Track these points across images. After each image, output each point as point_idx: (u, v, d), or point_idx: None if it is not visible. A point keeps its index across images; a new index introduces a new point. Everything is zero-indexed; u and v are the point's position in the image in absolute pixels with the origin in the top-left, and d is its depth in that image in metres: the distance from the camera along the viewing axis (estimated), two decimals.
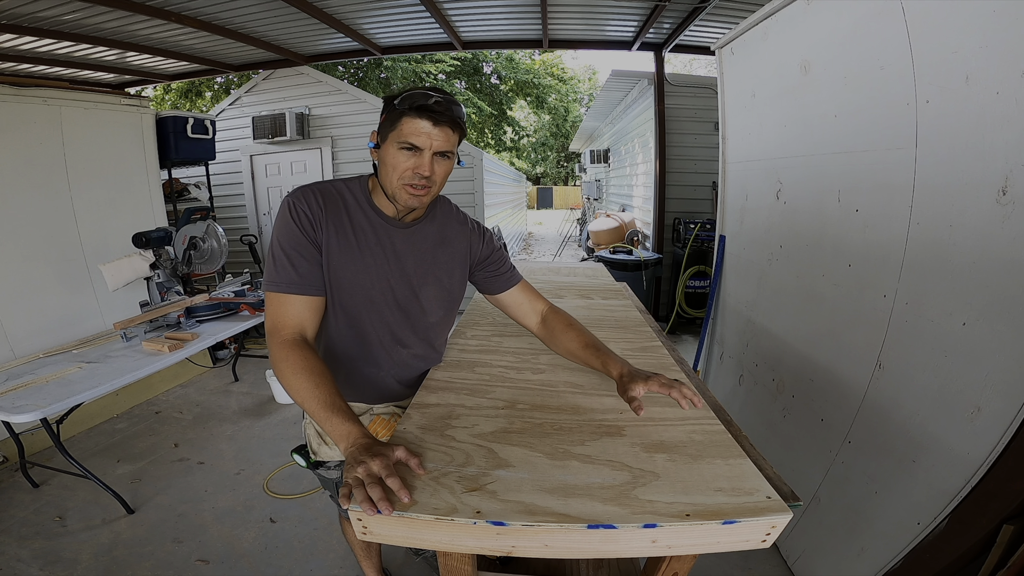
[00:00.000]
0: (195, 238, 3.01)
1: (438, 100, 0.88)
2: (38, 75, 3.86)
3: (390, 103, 0.91)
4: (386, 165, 0.93)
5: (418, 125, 0.88)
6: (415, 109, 0.87)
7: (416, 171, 0.90)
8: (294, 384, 0.82)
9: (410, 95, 0.88)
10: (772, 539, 0.65)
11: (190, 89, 9.48)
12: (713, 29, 3.67)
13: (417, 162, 0.90)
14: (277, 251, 0.93)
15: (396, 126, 0.89)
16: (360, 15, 3.57)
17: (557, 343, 1.13)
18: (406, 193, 0.93)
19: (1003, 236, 1.04)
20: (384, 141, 0.93)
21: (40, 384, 1.87)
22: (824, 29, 1.66)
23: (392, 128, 0.90)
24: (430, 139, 0.89)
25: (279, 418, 2.92)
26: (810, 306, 1.77)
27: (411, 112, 0.87)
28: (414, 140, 0.88)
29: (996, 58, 1.04)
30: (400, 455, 0.71)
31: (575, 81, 20.61)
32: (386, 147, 0.92)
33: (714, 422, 0.88)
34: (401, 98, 0.88)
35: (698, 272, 4.18)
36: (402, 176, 0.91)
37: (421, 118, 0.87)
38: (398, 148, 0.90)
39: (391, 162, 0.91)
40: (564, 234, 10.82)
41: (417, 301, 1.05)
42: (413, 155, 0.90)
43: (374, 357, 1.06)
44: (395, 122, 0.89)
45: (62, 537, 1.90)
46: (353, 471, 0.67)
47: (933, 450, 1.19)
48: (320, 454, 1.13)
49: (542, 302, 1.18)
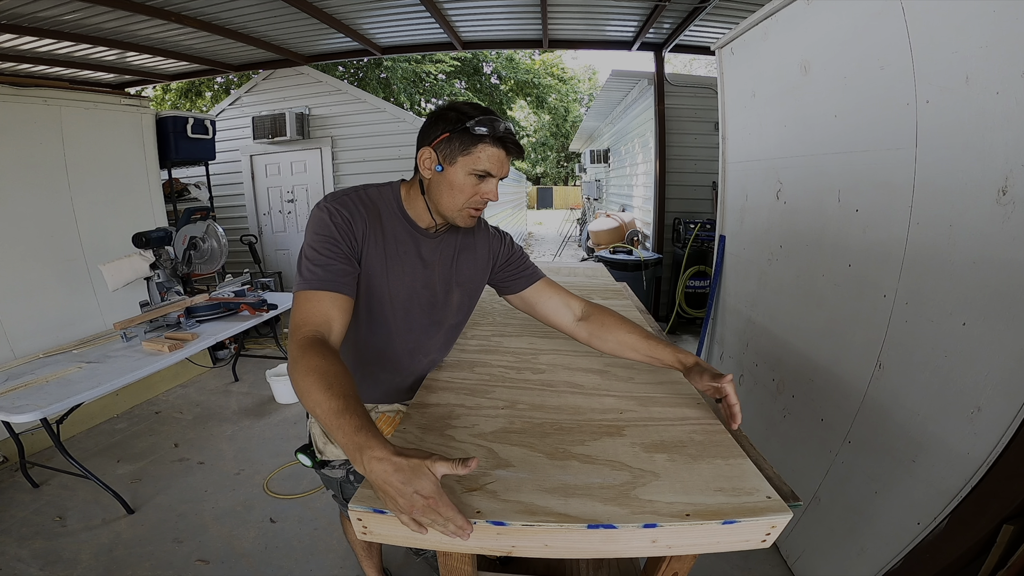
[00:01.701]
0: (195, 238, 3.01)
1: (507, 128, 0.87)
2: (38, 75, 3.86)
3: (454, 122, 0.87)
4: (452, 188, 0.90)
5: (495, 154, 0.87)
6: (495, 138, 0.86)
7: (484, 197, 0.91)
8: (303, 386, 0.71)
9: (488, 121, 0.85)
10: (772, 539, 0.65)
11: (190, 89, 9.47)
12: (713, 29, 3.67)
13: (486, 188, 0.90)
14: (311, 253, 0.87)
15: (470, 151, 0.87)
16: (360, 15, 3.57)
17: (608, 338, 1.06)
18: (468, 216, 0.94)
19: (1003, 236, 1.04)
20: (451, 164, 0.89)
21: (40, 384, 1.87)
22: (824, 29, 1.66)
23: (465, 152, 0.87)
24: (502, 168, 0.90)
25: (279, 418, 2.92)
26: (810, 306, 1.77)
27: (489, 140, 0.86)
28: (491, 169, 0.88)
29: (996, 58, 1.04)
30: (444, 470, 0.59)
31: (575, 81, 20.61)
32: (453, 170, 0.89)
33: (714, 422, 0.88)
34: (477, 121, 0.85)
35: (698, 272, 4.18)
36: (469, 201, 0.91)
37: (498, 147, 0.87)
38: (469, 173, 0.88)
39: (459, 186, 0.89)
40: (564, 234, 10.81)
41: (444, 309, 1.06)
42: (481, 182, 0.90)
43: (396, 364, 1.05)
44: (468, 147, 0.87)
45: (62, 537, 1.90)
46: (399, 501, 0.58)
47: (933, 450, 1.19)
48: (326, 453, 1.13)
49: (577, 299, 1.13)
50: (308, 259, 0.87)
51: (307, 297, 0.84)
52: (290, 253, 5.26)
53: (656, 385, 1.05)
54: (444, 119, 0.89)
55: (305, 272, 0.86)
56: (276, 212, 5.22)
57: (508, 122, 0.89)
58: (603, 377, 1.09)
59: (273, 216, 5.24)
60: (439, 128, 0.89)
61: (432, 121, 0.91)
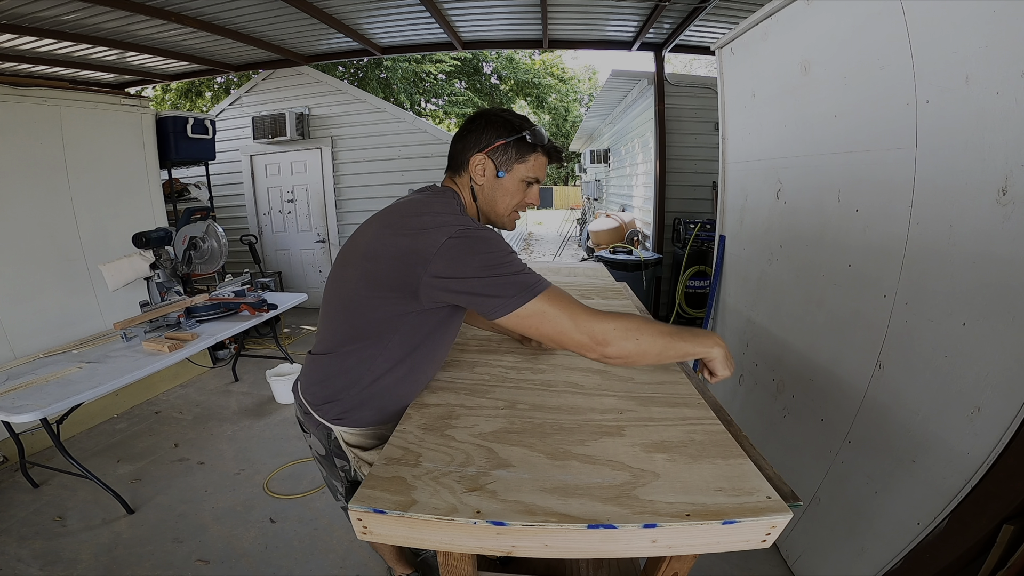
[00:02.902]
0: (195, 238, 3.01)
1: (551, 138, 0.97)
2: (38, 75, 3.86)
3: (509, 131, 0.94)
4: (506, 193, 0.97)
5: (544, 162, 0.97)
6: (544, 147, 0.95)
7: (529, 201, 1.00)
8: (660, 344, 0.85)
9: (539, 132, 0.95)
10: (772, 539, 0.65)
11: (190, 89, 9.47)
12: (713, 29, 3.67)
13: (532, 193, 0.99)
14: (512, 266, 0.83)
15: (526, 159, 0.95)
16: (360, 15, 3.56)
17: None
18: (513, 220, 1.02)
19: (1003, 236, 1.04)
20: (508, 171, 0.96)
21: (40, 384, 1.87)
22: (824, 29, 1.66)
23: (521, 160, 0.95)
24: (545, 175, 1.00)
25: (279, 418, 2.92)
26: (810, 306, 1.77)
27: (541, 150, 0.95)
28: (540, 175, 0.98)
29: (996, 58, 1.04)
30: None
31: (575, 81, 20.61)
32: (510, 176, 0.96)
33: (714, 422, 0.88)
34: (534, 133, 0.94)
35: (698, 272, 4.18)
36: (519, 206, 0.99)
37: (546, 156, 0.97)
38: (522, 180, 0.97)
39: (513, 191, 0.97)
40: (564, 234, 10.82)
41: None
42: (529, 187, 0.99)
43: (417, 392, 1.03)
44: (525, 155, 0.95)
45: (62, 537, 1.89)
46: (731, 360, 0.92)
47: (933, 450, 1.19)
48: None
49: None
50: (516, 267, 0.84)
51: (554, 292, 0.85)
52: (290, 253, 5.27)
53: (656, 385, 1.05)
54: (494, 126, 0.95)
55: (527, 278, 0.84)
56: (276, 212, 5.22)
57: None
58: (603, 377, 1.09)
59: (273, 216, 5.24)
60: (491, 135, 0.95)
61: (480, 128, 0.96)
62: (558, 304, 0.83)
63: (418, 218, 0.87)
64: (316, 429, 1.11)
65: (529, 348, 1.29)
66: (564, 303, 0.83)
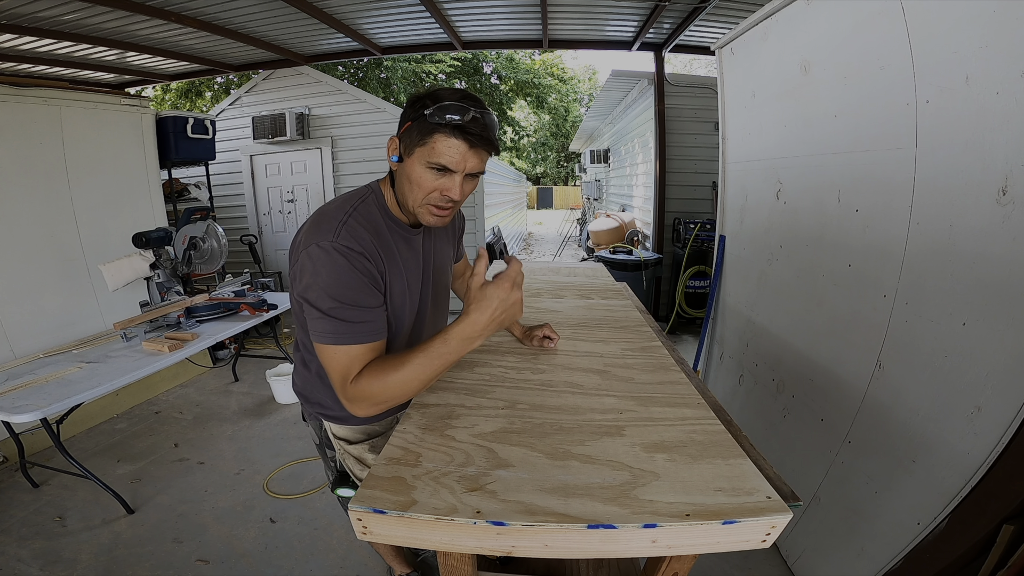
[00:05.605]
0: (195, 238, 3.01)
1: (475, 116, 0.77)
2: (38, 75, 3.86)
3: (418, 109, 0.79)
4: (410, 182, 0.83)
5: (452, 145, 0.77)
6: (451, 127, 0.76)
7: (444, 194, 0.82)
8: (409, 377, 0.76)
9: (445, 107, 0.76)
10: (772, 539, 0.65)
11: (190, 89, 9.48)
12: (713, 29, 3.67)
13: (446, 184, 0.81)
14: (332, 305, 0.79)
15: (426, 142, 0.78)
16: (360, 15, 3.57)
17: None
18: (429, 214, 0.85)
19: (1003, 236, 1.04)
20: (409, 155, 0.82)
21: (40, 384, 1.87)
22: (824, 29, 1.66)
23: (421, 143, 0.79)
24: (464, 161, 0.79)
25: (279, 418, 2.92)
26: (810, 306, 1.77)
27: (445, 129, 0.76)
28: (446, 162, 0.79)
29: (996, 58, 1.04)
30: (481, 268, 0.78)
31: (575, 81, 20.62)
32: (411, 162, 0.81)
33: (714, 422, 0.88)
34: (434, 109, 0.76)
35: (698, 272, 4.18)
36: (428, 197, 0.83)
37: (455, 137, 0.77)
38: (426, 167, 0.80)
39: (416, 180, 0.82)
40: (564, 234, 10.82)
41: (444, 295, 1.10)
42: (442, 176, 0.80)
43: None
44: (425, 136, 0.78)
45: (62, 537, 1.90)
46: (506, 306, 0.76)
47: (933, 450, 1.19)
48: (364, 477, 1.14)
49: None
50: (330, 311, 0.79)
51: (347, 351, 0.79)
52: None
53: (656, 385, 1.05)
54: (410, 105, 0.81)
55: (336, 324, 0.79)
56: (276, 212, 5.22)
57: (484, 111, 0.79)
58: (603, 377, 1.09)
59: (273, 216, 5.24)
60: (404, 115, 0.82)
61: (405, 108, 0.84)
62: (338, 362, 0.80)
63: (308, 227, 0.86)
64: (311, 419, 1.17)
65: (529, 348, 1.29)
66: (341, 366, 0.80)
